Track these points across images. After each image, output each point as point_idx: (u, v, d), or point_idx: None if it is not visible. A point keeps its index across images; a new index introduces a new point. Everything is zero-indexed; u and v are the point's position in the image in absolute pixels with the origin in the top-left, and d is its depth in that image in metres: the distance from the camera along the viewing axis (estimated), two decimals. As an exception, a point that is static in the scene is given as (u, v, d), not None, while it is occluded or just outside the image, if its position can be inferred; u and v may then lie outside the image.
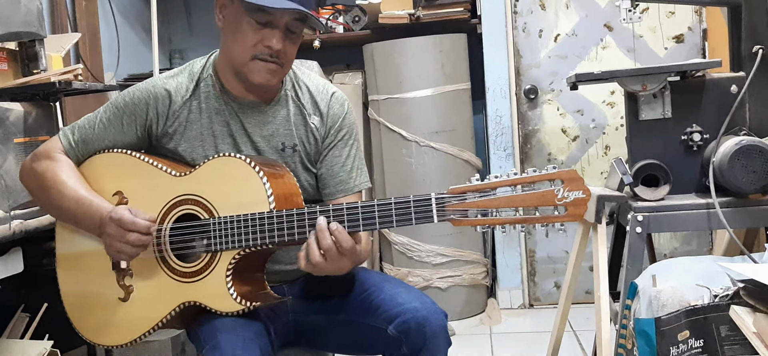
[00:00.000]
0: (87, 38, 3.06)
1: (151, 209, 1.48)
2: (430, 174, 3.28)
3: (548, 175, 1.28)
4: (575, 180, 1.28)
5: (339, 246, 1.35)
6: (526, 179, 1.29)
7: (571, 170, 1.29)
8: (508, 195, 1.29)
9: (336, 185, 1.60)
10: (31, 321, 2.01)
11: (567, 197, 1.27)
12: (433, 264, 3.29)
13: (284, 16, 1.46)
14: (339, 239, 1.35)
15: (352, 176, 1.61)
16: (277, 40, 1.46)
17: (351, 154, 1.62)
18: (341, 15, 3.55)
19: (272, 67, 1.48)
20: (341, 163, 1.60)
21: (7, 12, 1.90)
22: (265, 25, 1.46)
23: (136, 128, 1.55)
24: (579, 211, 1.27)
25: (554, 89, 3.40)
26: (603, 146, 3.39)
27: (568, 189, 1.27)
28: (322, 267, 1.37)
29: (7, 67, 2.04)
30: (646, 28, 3.30)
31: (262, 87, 1.52)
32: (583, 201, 1.27)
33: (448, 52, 3.30)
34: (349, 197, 1.59)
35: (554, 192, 1.28)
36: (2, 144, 1.82)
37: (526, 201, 1.29)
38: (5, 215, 1.77)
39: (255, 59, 1.47)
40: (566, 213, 1.28)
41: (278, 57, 1.48)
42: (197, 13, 4.04)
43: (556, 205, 1.28)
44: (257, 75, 1.49)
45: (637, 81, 1.87)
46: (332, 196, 1.60)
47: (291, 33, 1.49)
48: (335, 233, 1.35)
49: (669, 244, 3.35)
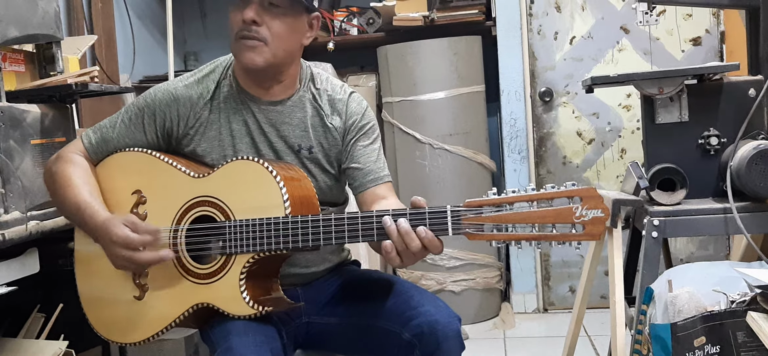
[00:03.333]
0: (103, 40, 3.08)
1: (168, 210, 1.49)
2: (443, 177, 3.27)
3: (567, 192, 1.26)
4: (594, 198, 1.26)
5: (428, 251, 1.34)
6: (544, 195, 1.27)
7: (590, 187, 1.27)
8: (525, 211, 1.27)
9: (365, 176, 1.58)
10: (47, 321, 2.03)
11: (585, 216, 1.25)
12: (447, 268, 3.29)
13: None
14: (429, 246, 1.33)
15: (379, 165, 1.60)
16: (249, 10, 1.46)
17: (375, 146, 1.62)
18: (356, 17, 3.56)
19: (251, 43, 1.47)
20: (367, 154, 1.60)
21: (25, 14, 1.91)
22: (243, 3, 1.47)
23: (157, 129, 1.56)
24: (597, 230, 1.25)
25: (569, 91, 3.38)
26: (619, 149, 3.36)
27: (587, 207, 1.25)
28: (408, 263, 1.37)
29: (24, 69, 2.05)
30: (662, 30, 3.27)
31: (248, 69, 1.51)
32: (601, 220, 1.25)
33: (462, 55, 3.29)
34: (379, 186, 1.57)
35: (572, 210, 1.26)
36: (19, 146, 1.84)
37: (544, 218, 1.26)
38: (22, 215, 1.79)
39: (239, 39, 1.48)
40: (583, 232, 1.25)
41: (257, 32, 1.47)
42: (212, 15, 4.06)
43: (574, 223, 1.26)
44: (242, 55, 1.49)
45: (653, 84, 1.86)
46: (363, 188, 1.58)
47: (273, 6, 1.48)
48: (425, 241, 1.32)
49: (685, 249, 3.32)
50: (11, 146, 1.80)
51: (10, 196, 1.78)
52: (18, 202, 1.80)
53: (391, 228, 1.33)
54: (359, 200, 1.60)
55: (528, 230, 1.27)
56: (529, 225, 1.27)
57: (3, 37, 1.82)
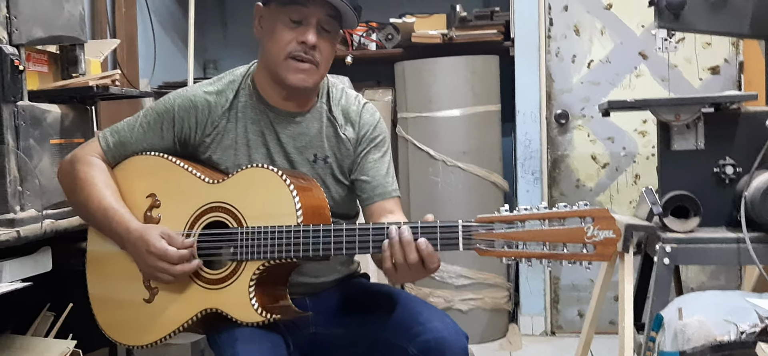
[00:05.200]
0: (125, 45, 3.12)
1: (182, 214, 1.50)
2: (455, 194, 3.27)
3: (579, 212, 1.27)
4: (606, 219, 1.26)
5: (425, 264, 1.34)
6: (556, 214, 1.27)
7: (603, 208, 1.28)
8: (537, 229, 1.28)
9: (373, 189, 1.59)
10: (56, 320, 2.04)
11: (596, 236, 1.25)
12: (456, 286, 3.28)
13: (317, 11, 1.48)
14: (427, 259, 1.34)
15: (388, 180, 1.61)
16: (310, 34, 1.48)
17: (385, 159, 1.63)
18: (374, 32, 3.58)
19: (306, 66, 1.50)
20: (377, 167, 1.61)
21: (50, 16, 1.94)
22: (299, 23, 1.49)
23: (174, 135, 1.58)
24: (608, 251, 1.25)
25: (585, 114, 3.38)
26: (633, 174, 3.35)
27: (598, 228, 1.25)
28: (404, 278, 1.38)
29: (47, 69, 2.09)
30: (681, 58, 3.26)
31: (297, 89, 1.53)
32: (613, 242, 1.25)
33: (479, 73, 3.30)
34: (387, 201, 1.58)
35: (584, 230, 1.26)
36: (39, 144, 1.86)
37: (555, 236, 1.27)
38: (37, 214, 1.81)
39: (289, 59, 1.49)
40: (594, 252, 1.26)
41: (312, 56, 1.49)
42: (233, 24, 4.10)
43: (585, 243, 1.26)
44: (292, 75, 1.50)
45: (670, 111, 1.86)
46: (370, 201, 1.59)
47: (325, 31, 1.51)
48: (423, 253, 1.33)
49: (696, 277, 3.29)
50: (31, 144, 1.83)
51: (27, 194, 1.80)
52: (34, 200, 1.82)
53: (393, 237, 1.34)
54: (366, 212, 1.61)
55: (539, 248, 1.27)
56: (540, 243, 1.27)
57: (28, 38, 1.85)
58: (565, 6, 3.36)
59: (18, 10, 1.80)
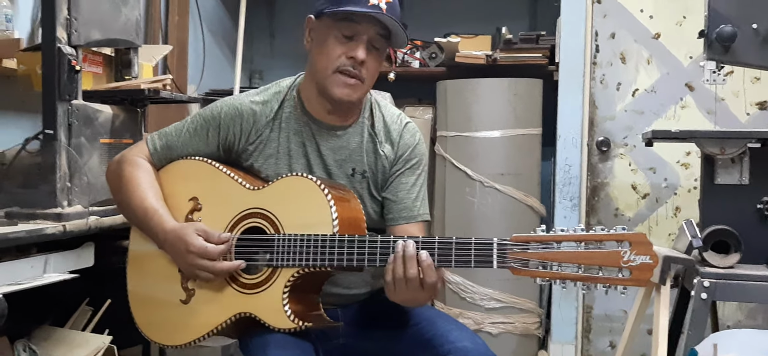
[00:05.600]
0: (176, 51, 3.20)
1: (222, 218, 1.53)
2: (491, 216, 3.26)
3: (616, 235, 1.25)
4: (643, 244, 1.24)
5: (423, 279, 1.35)
6: (593, 236, 1.26)
7: (640, 233, 1.26)
8: (573, 250, 1.27)
9: (399, 211, 1.61)
10: (94, 314, 2.09)
11: (633, 261, 1.24)
12: (486, 308, 3.26)
13: (369, 29, 1.51)
14: (426, 271, 1.35)
15: (417, 204, 1.62)
16: (360, 51, 1.50)
17: (417, 183, 1.64)
18: (418, 50, 3.60)
19: (352, 81, 1.52)
20: (407, 190, 1.62)
21: (108, 20, 2.01)
22: (350, 39, 1.51)
23: (219, 142, 1.61)
24: (644, 276, 1.24)
25: (628, 143, 3.34)
26: (673, 206, 3.29)
27: (635, 253, 1.24)
28: (403, 297, 1.38)
29: (101, 71, 2.16)
30: (728, 91, 3.20)
31: (342, 102, 1.55)
32: (650, 267, 1.23)
33: (521, 96, 3.29)
34: (411, 225, 1.60)
35: (620, 254, 1.25)
36: (89, 143, 1.92)
37: (591, 259, 1.26)
38: (84, 210, 1.87)
39: (337, 72, 1.52)
40: (630, 277, 1.24)
41: (359, 71, 1.52)
42: (280, 37, 4.17)
43: (621, 267, 1.24)
44: (338, 88, 1.53)
45: (715, 144, 1.83)
46: (395, 222, 1.61)
47: (374, 48, 1.54)
48: (423, 264, 1.35)
49: (733, 315, 3.21)
50: (82, 142, 1.89)
51: (75, 190, 1.86)
52: (81, 197, 1.88)
53: (397, 251, 1.35)
54: (389, 232, 1.62)
55: (574, 270, 1.26)
56: (575, 265, 1.26)
57: (86, 39, 1.91)
58: (612, 33, 3.34)
59: (78, 12, 1.87)
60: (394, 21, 1.50)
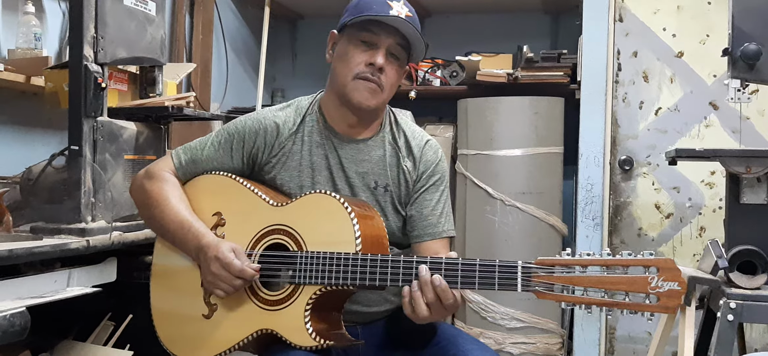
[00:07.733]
0: (199, 69, 3.24)
1: (245, 233, 1.54)
2: (512, 235, 3.24)
3: (643, 260, 1.23)
4: (671, 270, 1.22)
5: (442, 301, 1.36)
6: (619, 261, 1.25)
7: (668, 258, 1.24)
8: (598, 275, 1.25)
9: (424, 228, 1.61)
10: (116, 329, 2.10)
11: (660, 287, 1.22)
12: (508, 328, 3.23)
13: (388, 38, 1.54)
14: (441, 296, 1.36)
15: (441, 221, 1.63)
16: (379, 57, 1.54)
17: (441, 199, 1.64)
18: (439, 69, 3.61)
19: (371, 86, 1.55)
20: (431, 207, 1.63)
21: (134, 38, 2.04)
22: (370, 46, 1.54)
23: (243, 154, 1.63)
24: (672, 303, 1.21)
25: (651, 162, 3.31)
26: (698, 226, 3.25)
27: (663, 279, 1.22)
28: (424, 318, 1.39)
29: (126, 88, 2.19)
30: (754, 110, 3.17)
31: (360, 108, 1.57)
32: (678, 294, 1.21)
33: (543, 115, 3.28)
34: (436, 241, 1.60)
35: (647, 279, 1.23)
36: (114, 159, 1.95)
37: (617, 284, 1.24)
38: (107, 225, 1.89)
39: (356, 79, 1.55)
40: (657, 303, 1.22)
41: (378, 78, 1.54)
42: (302, 56, 4.21)
43: (648, 293, 1.23)
44: (357, 93, 1.55)
45: (741, 163, 1.81)
46: (420, 239, 1.61)
47: (393, 57, 1.56)
48: (438, 289, 1.36)
49: (761, 338, 3.15)
50: (106, 158, 1.92)
51: (99, 205, 1.89)
52: (105, 212, 1.90)
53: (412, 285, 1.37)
54: (413, 249, 1.62)
55: (599, 295, 1.25)
56: (600, 290, 1.24)
57: (112, 57, 1.95)
58: (635, 52, 3.32)
59: (105, 30, 1.90)
60: (413, 30, 1.52)
